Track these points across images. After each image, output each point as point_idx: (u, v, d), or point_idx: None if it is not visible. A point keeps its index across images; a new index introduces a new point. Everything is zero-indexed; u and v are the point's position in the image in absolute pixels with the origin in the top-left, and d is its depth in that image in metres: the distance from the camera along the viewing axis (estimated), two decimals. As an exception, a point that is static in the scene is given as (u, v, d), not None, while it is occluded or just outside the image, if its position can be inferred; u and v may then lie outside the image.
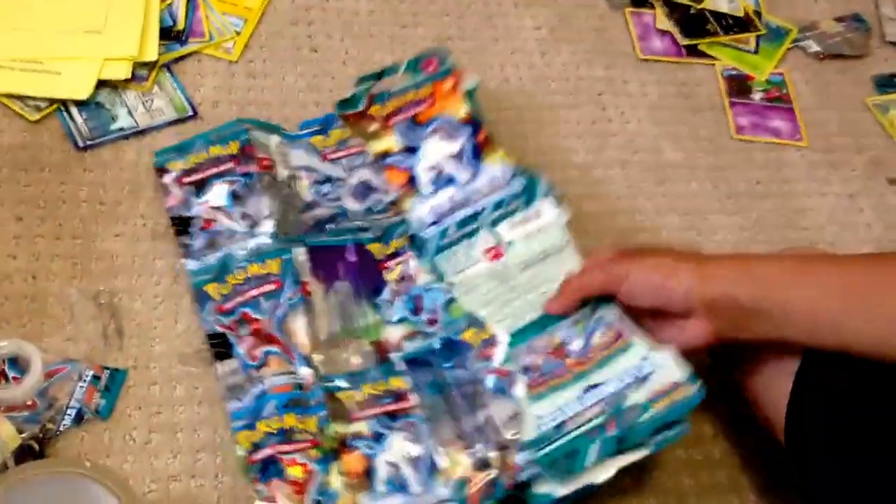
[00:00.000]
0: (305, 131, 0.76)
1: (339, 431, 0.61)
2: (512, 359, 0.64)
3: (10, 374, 0.61)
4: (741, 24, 0.94)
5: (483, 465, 0.60)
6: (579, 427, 0.59)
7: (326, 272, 0.68)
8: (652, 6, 0.94)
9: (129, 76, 0.76)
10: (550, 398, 0.62)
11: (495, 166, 0.72)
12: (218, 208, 0.69)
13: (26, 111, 0.73)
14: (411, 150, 0.73)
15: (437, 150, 0.73)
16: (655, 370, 0.61)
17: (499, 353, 0.64)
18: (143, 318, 0.66)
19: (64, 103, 0.74)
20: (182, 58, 0.80)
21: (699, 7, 0.94)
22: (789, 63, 0.94)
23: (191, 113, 0.77)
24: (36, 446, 0.59)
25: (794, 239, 0.83)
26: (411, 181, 0.72)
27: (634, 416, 0.59)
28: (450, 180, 0.72)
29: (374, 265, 0.69)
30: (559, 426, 0.60)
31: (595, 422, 0.59)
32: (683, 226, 0.82)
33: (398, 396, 0.63)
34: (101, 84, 0.76)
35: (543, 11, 0.91)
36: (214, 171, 0.71)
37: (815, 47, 0.96)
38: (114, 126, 0.75)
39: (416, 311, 0.67)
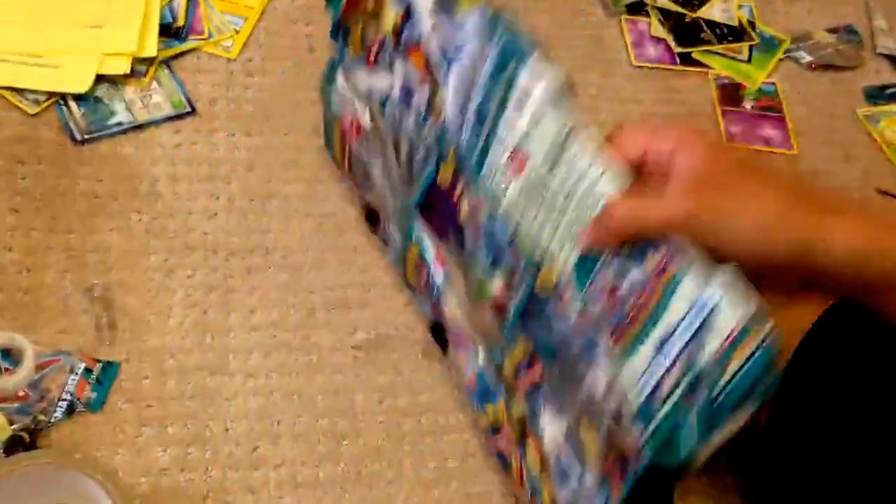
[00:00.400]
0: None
1: (515, 412, 0.56)
2: (586, 304, 0.51)
3: (3, 365, 0.61)
4: (735, 34, 0.95)
5: (611, 443, 0.51)
6: (672, 392, 0.48)
7: (438, 230, 0.61)
8: (647, 14, 0.95)
9: (128, 71, 0.76)
10: (635, 357, 0.49)
11: (471, 20, 0.55)
12: None
13: (25, 104, 0.73)
14: (408, 14, 0.60)
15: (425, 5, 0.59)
16: (718, 306, 0.46)
17: (572, 302, 0.52)
18: (137, 313, 0.66)
19: (63, 97, 0.74)
20: (181, 54, 0.80)
21: (694, 16, 0.95)
22: (781, 73, 0.95)
23: (188, 109, 0.77)
24: (27, 438, 0.59)
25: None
26: (427, 62, 0.59)
27: (717, 373, 0.46)
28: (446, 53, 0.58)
29: (450, 204, 0.58)
30: (653, 393, 0.48)
31: (683, 384, 0.47)
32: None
33: (531, 362, 0.55)
34: (100, 79, 0.76)
35: (540, 18, 0.92)
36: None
37: (807, 58, 0.96)
38: (112, 121, 0.75)
39: (497, 253, 0.57)
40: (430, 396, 0.68)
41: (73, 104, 0.74)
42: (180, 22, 0.81)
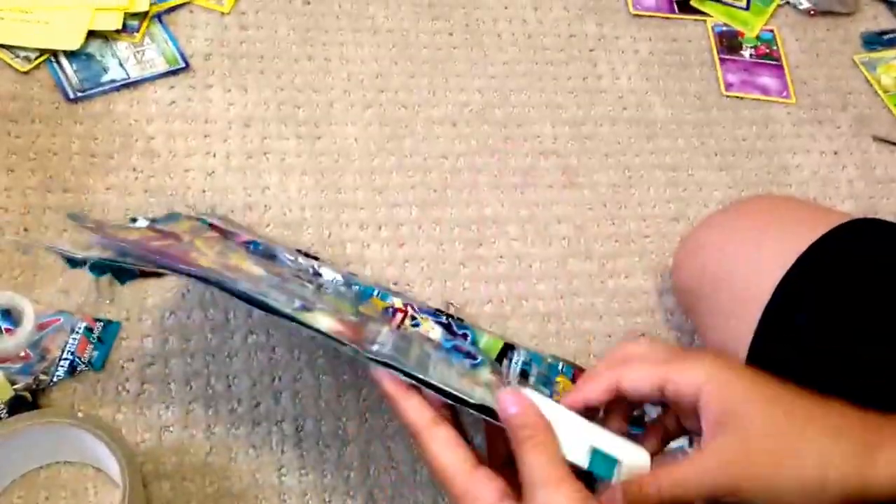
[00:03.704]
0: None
1: None
2: None
3: (3, 325, 0.59)
4: (733, -20, 0.91)
5: None
6: None
7: None
8: (645, -39, 0.90)
9: (120, 27, 0.73)
10: None
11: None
12: None
13: (16, 62, 0.70)
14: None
15: None
16: None
17: None
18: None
19: (54, 54, 0.71)
20: (173, 9, 0.76)
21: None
22: (780, 20, 0.91)
23: (182, 65, 0.74)
24: (29, 397, 0.57)
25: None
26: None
27: None
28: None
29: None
30: None
31: None
32: (670, 182, 0.79)
33: None
34: (92, 35, 0.72)
35: (536, -35, 0.87)
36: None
37: (805, 4, 0.92)
38: (105, 77, 0.71)
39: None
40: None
41: (65, 61, 0.71)
42: (172, -25, 0.77)
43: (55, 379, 0.58)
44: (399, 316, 0.56)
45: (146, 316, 0.63)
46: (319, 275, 0.58)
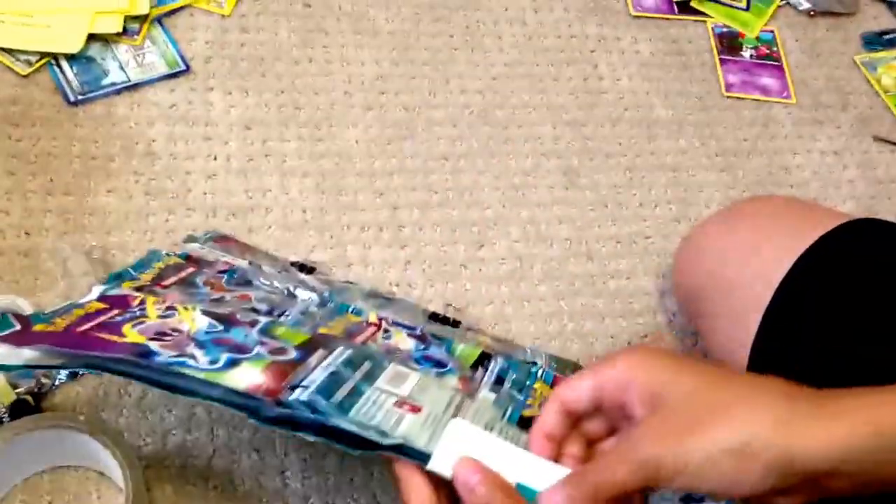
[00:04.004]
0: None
1: None
2: None
3: (5, 329, 0.59)
4: (733, -19, 0.90)
5: None
6: None
7: None
8: (644, -38, 0.90)
9: (121, 30, 0.72)
10: None
11: None
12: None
13: (17, 65, 0.69)
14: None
15: None
16: None
17: None
18: (137, 274, 0.64)
19: (55, 57, 0.70)
20: (174, 11, 0.76)
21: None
22: (780, 20, 0.91)
23: (183, 68, 0.74)
24: (31, 401, 0.56)
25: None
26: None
27: None
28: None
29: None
30: None
31: None
32: (671, 183, 0.79)
33: None
34: (92, 38, 0.72)
35: (536, -33, 0.87)
36: (187, 272, 0.59)
37: (805, 4, 0.92)
38: (105, 81, 0.71)
39: None
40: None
41: (65, 64, 0.70)
42: (172, -22, 0.77)
43: (57, 382, 0.58)
44: (371, 329, 0.56)
45: (148, 319, 0.62)
46: (294, 296, 0.59)
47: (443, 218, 0.72)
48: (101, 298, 0.52)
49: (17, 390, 0.56)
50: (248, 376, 0.44)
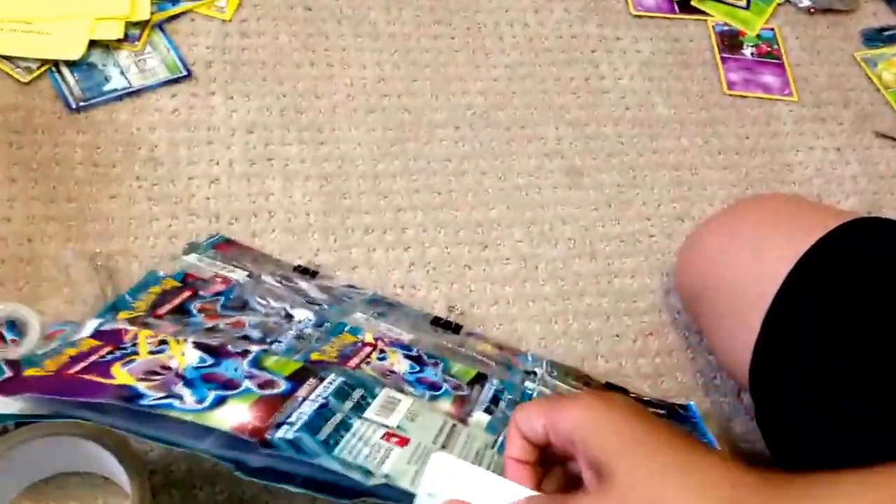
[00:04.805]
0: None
1: None
2: None
3: (9, 336, 0.58)
4: (732, -20, 0.90)
5: None
6: None
7: None
8: (644, -38, 0.89)
9: (122, 36, 0.72)
10: None
11: None
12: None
13: (17, 72, 0.69)
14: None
15: None
16: None
17: None
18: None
19: (56, 64, 0.70)
20: (174, 17, 0.76)
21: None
22: (780, 18, 0.90)
23: (184, 73, 0.73)
24: (35, 408, 0.56)
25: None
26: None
27: None
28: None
29: None
30: None
31: None
32: (674, 181, 0.78)
33: None
34: (93, 44, 0.71)
35: (536, -32, 0.87)
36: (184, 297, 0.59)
37: (805, 2, 0.91)
38: (107, 87, 0.70)
39: None
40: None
41: (66, 71, 0.70)
42: (172, -16, 0.76)
43: (61, 389, 0.57)
44: (367, 350, 0.56)
45: (152, 324, 0.62)
46: (291, 317, 0.59)
47: (446, 219, 0.72)
48: (95, 335, 0.52)
49: (22, 398, 0.56)
50: (235, 415, 0.44)
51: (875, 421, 0.49)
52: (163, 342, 0.51)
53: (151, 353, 0.50)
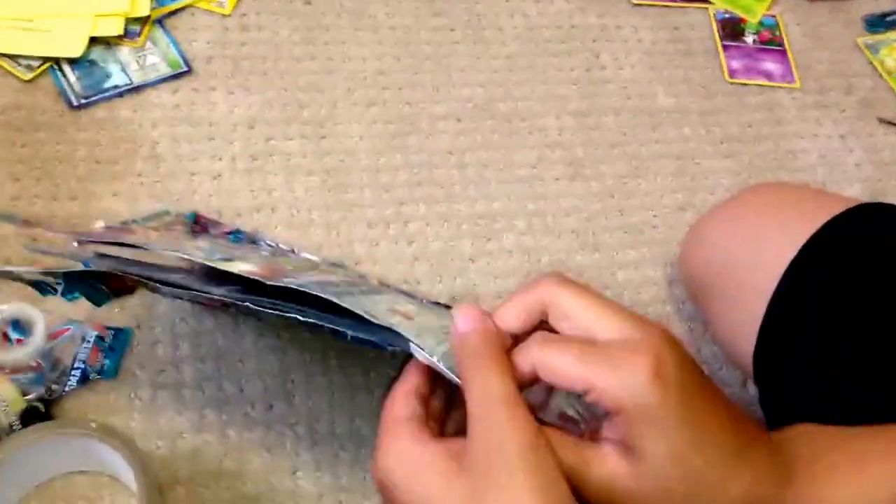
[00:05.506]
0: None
1: None
2: None
3: (14, 336, 0.58)
4: (733, -33, 0.89)
5: None
6: None
7: None
8: (644, -50, 0.88)
9: (122, 32, 0.71)
10: None
11: None
12: None
13: (19, 70, 0.68)
14: None
15: None
16: None
17: None
18: (145, 277, 0.63)
19: (57, 61, 0.69)
20: (174, 12, 0.75)
21: (691, -50, 0.88)
22: (781, 5, 0.89)
23: (185, 68, 0.72)
24: (42, 408, 0.55)
25: (787, 181, 0.79)
26: None
27: None
28: None
29: None
30: None
31: None
32: (676, 171, 0.77)
33: None
34: (94, 41, 0.71)
35: (536, -43, 0.86)
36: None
37: (807, -12, 0.90)
38: (108, 84, 0.70)
39: None
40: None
41: (67, 68, 0.69)
42: (171, -21, 0.76)
43: (67, 388, 0.57)
44: (372, 284, 0.57)
45: (156, 323, 0.61)
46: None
47: (449, 212, 0.71)
48: (105, 228, 0.53)
49: (28, 397, 0.55)
50: (243, 267, 0.45)
51: (880, 406, 0.48)
52: (173, 238, 0.54)
53: (161, 235, 0.53)
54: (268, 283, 0.42)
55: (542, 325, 0.40)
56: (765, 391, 0.56)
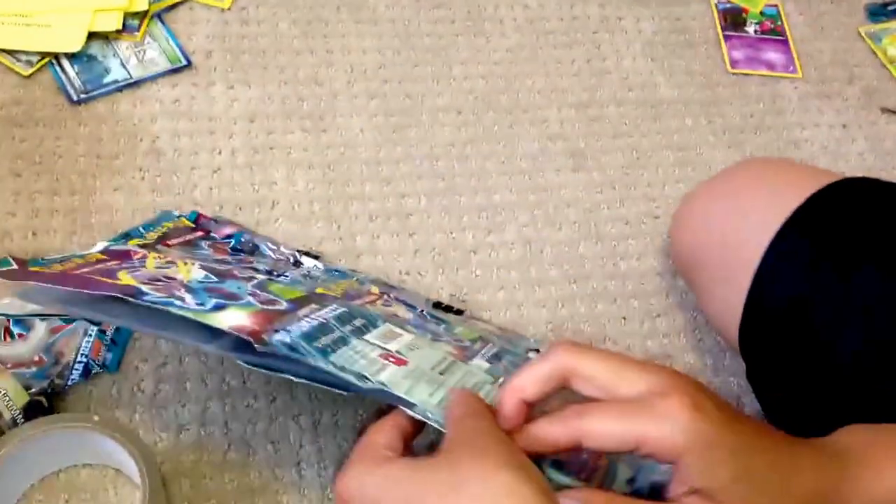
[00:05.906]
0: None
1: None
2: None
3: (16, 331, 0.58)
4: (734, -44, 0.88)
5: None
6: None
7: None
8: (644, -60, 0.88)
9: (121, 27, 0.71)
10: None
11: None
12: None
13: (18, 66, 0.68)
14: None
15: None
16: None
17: None
18: (147, 271, 0.63)
19: (56, 57, 0.69)
20: (173, 6, 0.75)
21: (692, -60, 0.88)
22: (783, -6, 0.89)
23: (185, 63, 0.72)
24: (45, 402, 0.55)
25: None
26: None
27: None
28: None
29: None
30: None
31: None
32: (678, 162, 0.77)
33: None
34: (93, 36, 0.70)
35: (536, -51, 0.85)
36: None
37: (808, -23, 0.89)
38: (107, 78, 0.70)
39: None
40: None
41: (66, 63, 0.69)
42: (170, -27, 0.75)
43: (70, 382, 0.57)
44: (372, 297, 0.55)
45: (159, 316, 0.61)
46: (300, 263, 0.58)
47: (450, 204, 0.71)
48: (104, 251, 0.52)
49: (31, 391, 0.55)
50: (234, 318, 0.43)
51: (863, 378, 0.48)
52: (170, 262, 0.51)
53: (158, 268, 0.50)
54: (257, 348, 0.42)
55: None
56: (750, 362, 0.55)
